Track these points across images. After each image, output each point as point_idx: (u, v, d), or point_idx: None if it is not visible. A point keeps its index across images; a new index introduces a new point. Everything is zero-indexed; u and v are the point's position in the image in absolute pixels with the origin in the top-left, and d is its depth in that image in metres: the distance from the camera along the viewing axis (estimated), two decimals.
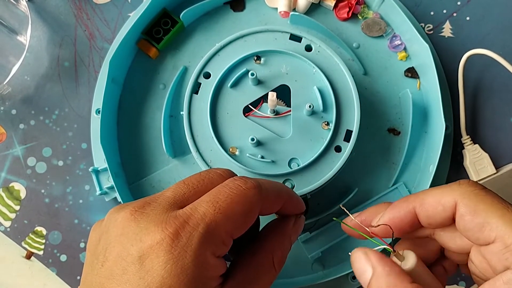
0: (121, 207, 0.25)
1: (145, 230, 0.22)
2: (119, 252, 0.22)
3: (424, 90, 0.39)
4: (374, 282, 0.24)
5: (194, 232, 0.22)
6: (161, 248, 0.21)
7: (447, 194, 0.23)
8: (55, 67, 0.42)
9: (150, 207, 0.24)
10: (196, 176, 0.26)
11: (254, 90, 0.36)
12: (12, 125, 0.41)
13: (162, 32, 0.39)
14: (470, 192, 0.22)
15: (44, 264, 0.40)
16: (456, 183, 0.24)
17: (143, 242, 0.22)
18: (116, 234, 0.23)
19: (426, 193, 0.25)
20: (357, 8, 0.40)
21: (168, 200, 0.24)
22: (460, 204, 0.22)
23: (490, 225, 0.21)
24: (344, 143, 0.35)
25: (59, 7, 0.42)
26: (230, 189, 0.24)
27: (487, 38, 0.41)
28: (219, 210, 0.23)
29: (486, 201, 0.22)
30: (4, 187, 0.41)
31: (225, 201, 0.23)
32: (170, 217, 0.23)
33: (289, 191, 0.29)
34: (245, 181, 0.25)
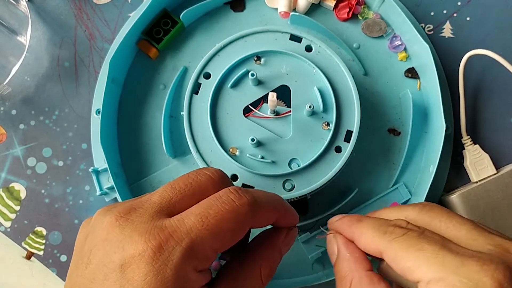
0: (109, 209, 0.24)
1: (129, 238, 0.22)
2: (102, 257, 0.22)
3: (424, 90, 0.39)
4: (337, 263, 0.26)
5: (177, 247, 0.22)
6: (142, 260, 0.21)
7: (375, 242, 0.25)
8: (55, 68, 0.42)
9: (135, 213, 0.23)
10: (184, 179, 0.25)
11: (254, 91, 0.36)
12: (12, 125, 0.41)
13: (162, 33, 0.39)
14: (391, 241, 0.24)
15: (44, 264, 0.40)
16: (383, 230, 0.24)
17: (125, 251, 0.22)
18: (101, 238, 0.23)
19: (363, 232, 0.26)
20: (357, 8, 0.40)
21: (154, 206, 0.23)
22: (383, 254, 0.24)
23: (409, 269, 0.22)
24: (344, 143, 0.35)
25: (59, 7, 0.42)
26: (223, 204, 0.23)
27: (487, 39, 0.41)
28: (207, 227, 0.22)
29: (403, 247, 0.23)
30: (4, 187, 0.41)
31: (214, 217, 0.23)
32: (155, 227, 0.22)
33: (284, 204, 0.28)
34: (240, 196, 0.24)
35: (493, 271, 0.20)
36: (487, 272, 0.20)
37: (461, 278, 0.21)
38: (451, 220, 0.24)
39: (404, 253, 0.23)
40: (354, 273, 0.25)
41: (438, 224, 0.24)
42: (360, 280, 0.25)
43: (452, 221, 0.24)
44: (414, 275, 0.22)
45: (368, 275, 0.25)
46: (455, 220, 0.24)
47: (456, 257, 0.21)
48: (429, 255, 0.22)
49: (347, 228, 0.27)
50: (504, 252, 0.22)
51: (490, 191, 0.38)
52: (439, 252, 0.22)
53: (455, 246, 0.22)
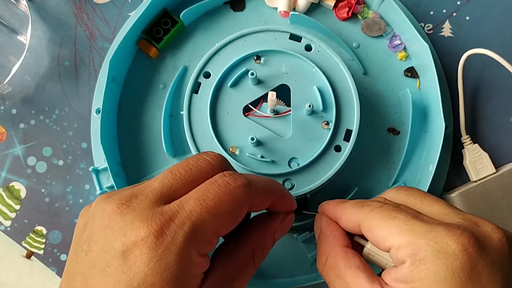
0: (109, 196, 0.24)
1: (130, 225, 0.22)
2: (103, 244, 0.22)
3: (424, 89, 0.39)
4: (318, 240, 0.28)
5: (180, 231, 0.22)
6: (145, 246, 0.21)
7: (353, 216, 0.26)
8: (55, 67, 0.42)
9: (136, 200, 0.23)
10: (184, 165, 0.25)
11: (254, 90, 0.36)
12: (13, 124, 0.41)
13: (162, 32, 0.39)
14: (367, 213, 0.25)
15: (44, 263, 0.40)
16: (362, 204, 0.27)
17: (127, 237, 0.22)
18: (101, 225, 0.23)
19: (344, 210, 0.28)
20: (357, 8, 0.40)
21: (154, 192, 0.23)
22: (360, 226, 0.26)
23: (383, 237, 0.24)
24: (344, 142, 0.35)
25: (59, 7, 0.43)
26: (219, 186, 0.23)
27: (486, 38, 0.41)
28: (206, 209, 0.23)
29: (378, 217, 0.25)
30: (4, 186, 0.41)
31: (212, 199, 0.23)
32: (156, 213, 0.22)
33: (280, 188, 0.28)
34: (235, 179, 0.24)
35: (459, 236, 0.22)
36: (453, 237, 0.22)
37: (427, 241, 0.22)
38: (425, 198, 0.26)
39: (379, 223, 0.24)
40: (331, 249, 0.27)
41: (414, 201, 0.26)
42: (336, 254, 0.26)
43: (426, 198, 0.26)
44: (386, 242, 0.24)
45: (344, 250, 0.26)
46: (430, 198, 0.26)
47: (426, 224, 0.23)
48: (401, 223, 0.23)
49: (332, 208, 0.29)
50: (472, 224, 0.23)
51: (489, 190, 0.38)
52: (410, 220, 0.23)
53: (427, 217, 0.24)
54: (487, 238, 0.22)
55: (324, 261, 0.27)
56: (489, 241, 0.22)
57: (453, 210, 0.25)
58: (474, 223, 0.23)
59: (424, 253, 0.22)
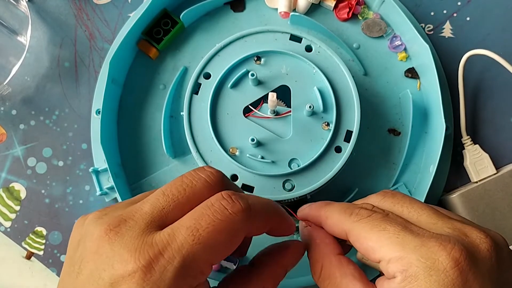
0: (100, 216, 0.23)
1: (118, 256, 0.21)
2: (92, 271, 0.22)
3: (424, 90, 0.39)
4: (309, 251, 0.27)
5: (169, 266, 0.21)
6: (132, 281, 0.20)
7: (340, 223, 0.25)
8: (55, 68, 0.42)
9: (125, 227, 0.22)
10: (178, 185, 0.23)
11: (254, 91, 0.36)
12: (12, 125, 0.41)
13: (162, 33, 0.39)
14: (355, 222, 0.24)
15: (44, 264, 0.40)
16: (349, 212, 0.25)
17: (115, 270, 0.21)
18: (91, 250, 0.22)
19: (330, 214, 0.26)
20: (357, 8, 0.40)
21: (145, 217, 0.22)
22: (348, 235, 0.25)
23: (372, 249, 0.23)
24: (344, 143, 0.35)
25: (59, 8, 0.43)
26: (214, 212, 0.22)
27: (487, 39, 0.41)
28: (199, 240, 0.21)
29: (366, 228, 0.24)
30: (4, 187, 0.41)
31: (206, 229, 0.21)
32: (145, 244, 0.21)
33: (279, 210, 0.26)
34: (233, 203, 0.23)
35: (450, 250, 0.21)
36: (445, 252, 0.21)
37: (419, 257, 0.21)
38: (412, 206, 0.25)
39: (367, 234, 0.24)
40: (324, 258, 0.26)
41: (400, 209, 0.25)
42: (330, 263, 0.25)
43: (413, 206, 0.25)
44: (376, 254, 0.23)
45: (337, 259, 0.26)
46: (416, 205, 0.25)
47: (416, 238, 0.22)
48: (391, 235, 0.23)
49: (315, 212, 0.28)
50: (461, 235, 0.23)
51: (490, 191, 0.38)
52: (400, 233, 0.23)
53: (416, 228, 0.23)
54: (476, 249, 0.22)
55: (319, 271, 0.26)
56: (478, 252, 0.22)
57: (440, 218, 0.24)
58: (463, 233, 0.23)
59: (415, 269, 0.21)
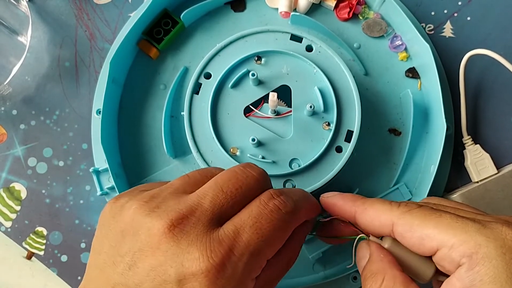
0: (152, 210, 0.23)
1: (188, 254, 0.22)
2: (154, 267, 0.22)
3: (425, 90, 0.39)
4: (368, 265, 0.26)
5: (240, 263, 0.22)
6: (207, 278, 0.21)
7: (386, 213, 0.25)
8: (55, 68, 0.42)
9: (189, 224, 0.23)
10: (233, 181, 0.25)
11: (255, 91, 0.36)
12: (13, 125, 0.41)
13: (163, 33, 0.39)
14: (406, 212, 0.24)
15: (44, 264, 0.40)
16: (396, 204, 0.25)
17: (184, 267, 0.21)
18: (150, 245, 0.22)
19: (370, 204, 0.26)
20: (358, 8, 0.40)
21: (207, 214, 0.23)
22: (397, 224, 0.24)
23: (428, 236, 0.22)
24: (345, 143, 0.35)
25: (59, 8, 0.42)
26: (271, 212, 0.24)
27: (488, 38, 0.41)
28: (262, 238, 0.23)
29: (420, 216, 0.23)
30: (4, 187, 0.41)
31: (267, 228, 0.23)
32: (213, 241, 0.22)
33: (311, 198, 0.28)
34: (285, 204, 0.25)
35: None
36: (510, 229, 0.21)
37: (486, 238, 0.21)
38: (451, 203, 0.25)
39: (422, 222, 0.23)
40: (387, 271, 0.24)
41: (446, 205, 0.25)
42: (394, 278, 0.24)
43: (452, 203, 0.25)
44: (433, 242, 0.22)
45: (403, 275, 0.24)
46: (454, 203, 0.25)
47: (475, 222, 0.22)
48: (449, 221, 0.22)
49: (348, 202, 0.27)
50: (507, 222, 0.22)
51: (491, 191, 0.38)
52: (458, 219, 0.22)
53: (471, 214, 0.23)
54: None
55: (380, 283, 0.24)
56: None
57: (480, 212, 0.24)
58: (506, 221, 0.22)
59: (485, 250, 0.20)
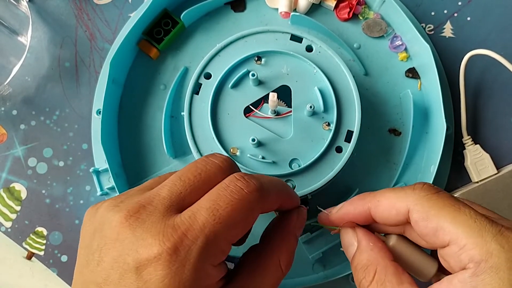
0: (116, 204, 0.24)
1: (142, 241, 0.22)
2: (115, 258, 0.22)
3: (425, 90, 0.39)
4: (357, 255, 0.25)
5: (193, 246, 0.21)
6: (159, 263, 0.21)
7: (401, 199, 0.23)
8: (55, 68, 0.42)
9: (145, 212, 0.23)
10: (193, 170, 0.24)
11: (255, 91, 0.36)
12: (13, 125, 0.41)
13: (163, 33, 0.39)
14: (423, 197, 0.22)
15: (45, 264, 0.40)
16: (410, 187, 0.23)
17: (139, 254, 0.21)
18: (111, 237, 0.22)
19: (382, 195, 0.25)
20: (358, 8, 0.40)
21: (164, 202, 0.23)
22: (413, 211, 0.23)
23: (443, 229, 0.21)
24: (345, 143, 0.35)
25: (59, 8, 0.43)
26: (231, 193, 0.23)
27: (488, 38, 0.41)
28: (219, 220, 0.22)
29: (438, 205, 0.22)
30: (5, 187, 0.41)
31: (225, 209, 0.22)
32: (167, 227, 0.22)
33: (286, 186, 0.28)
34: (247, 183, 0.23)
35: None
36: None
37: (500, 247, 0.20)
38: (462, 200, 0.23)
39: (440, 211, 0.22)
40: (379, 262, 0.24)
41: None
42: (386, 269, 0.23)
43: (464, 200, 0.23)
44: (446, 236, 0.21)
45: (394, 265, 0.23)
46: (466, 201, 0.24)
47: (493, 225, 0.21)
48: (467, 218, 0.21)
49: (359, 202, 0.26)
50: None
51: (490, 191, 0.38)
52: (477, 216, 0.21)
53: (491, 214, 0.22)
54: None
55: (372, 277, 0.23)
56: None
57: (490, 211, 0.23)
58: None
59: (496, 260, 0.20)
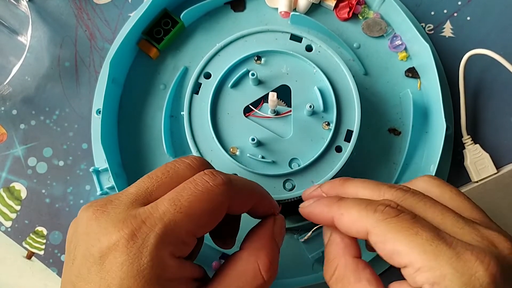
0: (90, 205, 0.24)
1: (104, 230, 0.22)
2: (84, 252, 0.22)
3: (425, 90, 0.39)
4: (327, 246, 0.26)
5: (150, 233, 0.21)
6: (117, 249, 0.21)
7: (361, 219, 0.23)
8: (55, 67, 0.42)
9: (111, 205, 0.23)
10: (162, 168, 0.25)
11: (255, 90, 0.36)
12: (13, 125, 0.41)
13: (163, 32, 0.39)
14: (381, 221, 0.23)
15: (45, 264, 0.40)
16: (373, 207, 0.23)
17: (101, 243, 0.22)
18: (81, 232, 0.23)
19: (346, 209, 0.24)
20: (358, 8, 0.40)
21: (130, 197, 0.23)
22: (371, 233, 0.23)
23: (399, 252, 0.22)
24: (344, 143, 0.35)
25: (59, 7, 0.43)
26: (196, 185, 0.23)
27: (487, 38, 0.41)
28: (180, 209, 0.22)
29: (395, 229, 0.22)
30: (5, 187, 0.41)
31: (187, 199, 0.22)
32: (128, 216, 0.22)
33: (262, 190, 0.27)
34: (214, 177, 0.23)
35: (488, 265, 0.20)
36: (482, 267, 0.20)
37: (453, 271, 0.20)
38: (436, 207, 0.24)
39: (396, 235, 0.22)
40: (340, 258, 0.25)
41: (423, 209, 0.24)
42: (346, 265, 0.24)
43: (436, 207, 0.24)
44: (403, 259, 0.22)
45: (354, 262, 0.24)
46: (440, 207, 0.24)
47: (451, 248, 0.21)
48: (424, 241, 0.21)
49: (325, 208, 0.26)
50: (491, 246, 0.22)
51: (490, 191, 0.38)
52: (434, 240, 0.21)
53: (448, 236, 0.22)
54: (506, 262, 0.21)
55: (333, 272, 0.25)
56: (507, 265, 0.21)
57: (466, 223, 0.23)
58: (492, 243, 0.22)
59: (448, 284, 0.20)
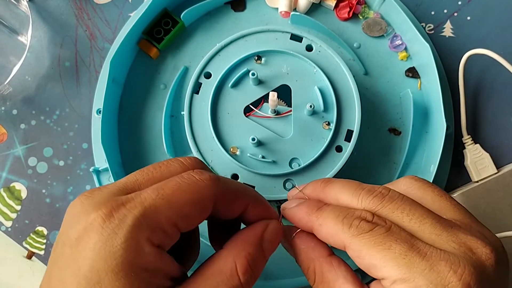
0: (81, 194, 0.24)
1: (84, 212, 0.21)
2: (63, 236, 0.21)
3: (425, 90, 0.39)
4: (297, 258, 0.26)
5: (129, 214, 0.21)
6: (92, 229, 0.20)
7: (338, 233, 0.24)
8: (56, 67, 0.42)
9: (98, 191, 0.22)
10: (155, 164, 0.24)
11: (255, 90, 0.36)
12: (13, 125, 0.41)
13: (163, 32, 0.39)
14: (355, 236, 0.23)
15: (45, 264, 0.40)
16: (348, 223, 0.23)
17: (80, 224, 0.21)
18: (65, 218, 0.22)
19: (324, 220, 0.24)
20: (358, 8, 0.40)
21: (118, 185, 0.23)
22: (348, 248, 0.23)
23: (375, 266, 0.22)
24: (345, 143, 0.35)
25: (60, 7, 0.43)
26: (181, 178, 0.23)
27: (487, 38, 0.41)
28: (162, 196, 0.21)
29: (369, 244, 0.22)
30: (5, 187, 0.41)
31: (171, 188, 0.22)
32: (111, 200, 0.21)
33: (256, 195, 0.26)
34: (202, 173, 0.23)
35: (461, 274, 0.20)
36: (455, 276, 0.20)
37: (427, 283, 0.20)
38: (413, 213, 0.23)
39: (370, 251, 0.22)
40: (315, 262, 0.25)
41: (400, 216, 0.23)
42: (321, 267, 0.24)
43: (414, 213, 0.23)
44: (379, 273, 0.22)
45: (327, 261, 0.24)
46: (418, 213, 0.23)
47: (424, 259, 0.21)
48: (397, 255, 0.21)
49: (305, 216, 0.25)
50: (468, 252, 0.22)
51: (490, 191, 0.38)
52: (407, 253, 0.21)
53: (423, 245, 0.22)
54: (483, 267, 0.21)
55: (313, 277, 0.25)
56: (484, 270, 0.21)
57: (444, 228, 0.23)
58: (469, 249, 0.22)
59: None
